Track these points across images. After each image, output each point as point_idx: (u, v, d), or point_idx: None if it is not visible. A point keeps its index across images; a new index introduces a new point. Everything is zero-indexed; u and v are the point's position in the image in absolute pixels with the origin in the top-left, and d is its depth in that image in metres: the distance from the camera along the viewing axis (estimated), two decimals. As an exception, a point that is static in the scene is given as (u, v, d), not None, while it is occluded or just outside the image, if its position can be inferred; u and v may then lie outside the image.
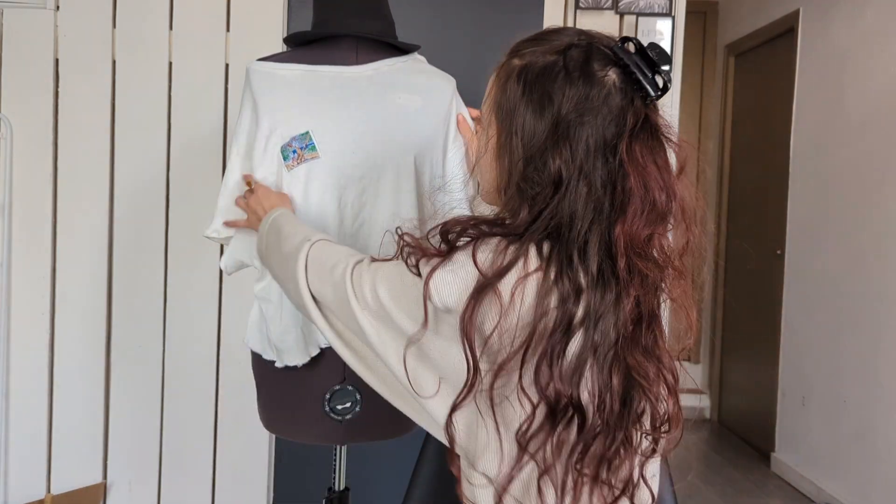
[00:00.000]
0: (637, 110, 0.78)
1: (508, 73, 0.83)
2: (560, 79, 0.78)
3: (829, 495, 2.99)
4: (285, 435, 1.45)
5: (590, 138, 0.77)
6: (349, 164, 1.29)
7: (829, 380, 3.05)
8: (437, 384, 0.81)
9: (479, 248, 0.77)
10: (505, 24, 2.24)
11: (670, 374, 0.80)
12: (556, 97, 0.78)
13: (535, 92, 0.79)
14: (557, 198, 0.77)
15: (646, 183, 0.77)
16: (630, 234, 0.76)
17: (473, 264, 0.76)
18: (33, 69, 2.16)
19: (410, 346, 0.81)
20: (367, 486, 2.04)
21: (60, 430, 2.24)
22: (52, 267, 2.21)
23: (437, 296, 0.77)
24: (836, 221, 3.04)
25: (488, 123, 0.86)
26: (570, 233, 0.76)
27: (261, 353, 1.38)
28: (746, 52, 3.97)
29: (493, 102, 0.84)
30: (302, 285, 0.94)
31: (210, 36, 2.20)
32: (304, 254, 0.95)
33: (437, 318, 0.79)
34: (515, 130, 0.80)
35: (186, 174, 2.22)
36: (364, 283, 0.85)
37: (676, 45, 2.28)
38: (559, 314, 0.74)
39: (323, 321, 0.94)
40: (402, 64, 1.34)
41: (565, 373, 0.74)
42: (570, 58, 0.79)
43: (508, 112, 0.81)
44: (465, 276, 0.76)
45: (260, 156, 1.28)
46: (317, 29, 1.35)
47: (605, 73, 0.79)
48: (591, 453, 0.76)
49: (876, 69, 2.83)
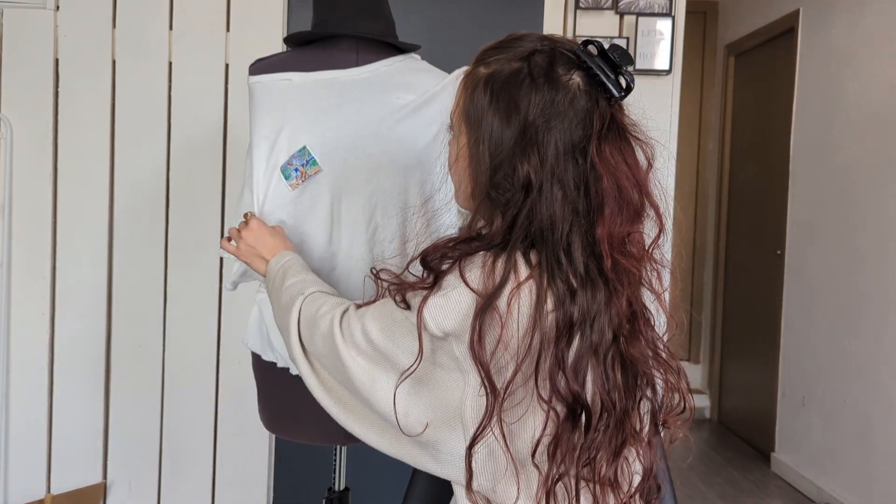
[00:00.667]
0: (603, 112, 0.80)
1: (475, 82, 0.84)
2: (525, 85, 0.79)
3: (829, 495, 2.99)
4: (285, 435, 1.45)
5: (558, 142, 0.78)
6: (354, 170, 1.29)
7: (829, 380, 3.05)
8: (432, 420, 0.80)
9: (466, 267, 0.78)
10: (505, 24, 2.24)
11: (672, 359, 0.83)
12: (523, 104, 0.79)
13: (501, 100, 0.80)
14: (530, 202, 0.78)
15: (618, 182, 0.79)
16: (611, 233, 0.78)
17: (465, 285, 0.77)
18: (33, 69, 2.16)
19: (403, 380, 0.80)
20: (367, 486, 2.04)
21: (60, 430, 2.24)
22: (52, 267, 2.21)
23: (434, 322, 0.77)
24: (836, 221, 3.04)
25: (459, 131, 0.87)
26: (552, 235, 0.77)
27: (260, 353, 1.38)
28: (746, 52, 3.97)
29: (462, 111, 0.85)
30: (294, 340, 0.95)
31: (210, 36, 2.20)
32: (296, 308, 0.96)
33: (435, 347, 0.79)
34: (483, 138, 0.81)
35: (186, 174, 2.22)
36: (354, 328, 0.85)
37: (676, 45, 2.28)
38: (559, 315, 0.75)
39: (309, 372, 0.94)
40: (398, 64, 1.34)
41: (571, 373, 0.75)
42: (535, 64, 0.80)
43: (476, 120, 0.82)
44: (459, 299, 0.77)
45: (261, 176, 1.28)
46: (317, 29, 1.35)
47: (569, 76, 0.80)
48: (601, 450, 0.77)
49: (876, 69, 2.83)
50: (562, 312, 0.75)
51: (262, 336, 1.37)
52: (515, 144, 0.79)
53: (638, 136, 0.83)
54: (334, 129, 1.28)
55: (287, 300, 1.00)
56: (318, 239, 1.30)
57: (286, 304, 1.00)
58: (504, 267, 0.76)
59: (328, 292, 1.00)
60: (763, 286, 3.57)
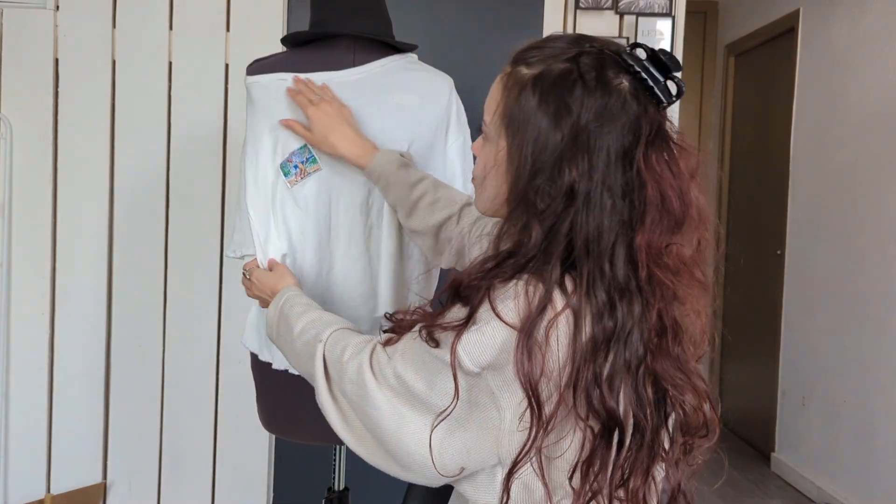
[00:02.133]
0: (651, 118, 0.77)
1: (521, 82, 0.79)
2: (577, 88, 0.76)
3: (829, 495, 2.99)
4: (285, 435, 1.45)
5: (610, 148, 0.75)
6: (351, 169, 1.29)
7: (829, 380, 3.05)
8: (467, 462, 0.78)
9: (497, 298, 0.74)
10: (505, 24, 2.24)
11: (700, 380, 0.80)
12: (574, 106, 0.76)
13: (551, 101, 0.76)
14: (573, 211, 0.75)
15: (662, 191, 0.76)
16: (649, 243, 0.75)
17: (499, 319, 0.73)
18: (33, 69, 2.16)
19: (440, 423, 0.76)
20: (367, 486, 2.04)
21: (60, 430, 2.24)
22: (52, 267, 2.21)
23: (469, 359, 0.73)
24: (836, 221, 3.04)
25: (497, 135, 0.82)
26: (598, 246, 0.74)
27: (258, 353, 1.38)
28: (746, 52, 3.97)
29: (503, 112, 0.81)
30: (322, 387, 0.90)
31: (210, 36, 2.20)
32: (319, 357, 0.92)
33: (471, 385, 0.75)
34: (528, 141, 0.77)
35: (186, 174, 2.22)
36: (385, 370, 0.81)
37: (676, 45, 2.28)
38: (597, 330, 0.73)
39: (338, 418, 0.89)
40: (393, 64, 1.34)
41: (607, 389, 0.73)
42: (584, 65, 0.77)
43: (521, 122, 0.78)
44: (494, 333, 0.73)
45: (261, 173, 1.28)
46: (314, 29, 1.35)
47: (619, 80, 0.77)
48: (634, 469, 0.75)
49: (876, 69, 2.83)
50: (600, 327, 0.73)
51: (260, 336, 1.37)
52: (564, 149, 0.76)
53: (682, 144, 0.81)
54: None
55: (304, 348, 0.97)
56: (315, 237, 1.30)
57: (303, 351, 0.97)
58: (540, 294, 0.73)
59: (343, 327, 0.96)
60: (763, 286, 3.57)
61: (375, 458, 0.84)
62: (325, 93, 1.26)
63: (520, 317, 0.72)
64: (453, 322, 0.76)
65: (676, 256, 0.79)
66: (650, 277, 0.75)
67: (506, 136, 0.81)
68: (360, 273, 1.32)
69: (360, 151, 1.23)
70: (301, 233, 1.29)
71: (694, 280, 0.81)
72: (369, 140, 1.25)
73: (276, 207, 1.28)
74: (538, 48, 0.81)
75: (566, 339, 0.73)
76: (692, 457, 0.82)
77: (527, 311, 0.72)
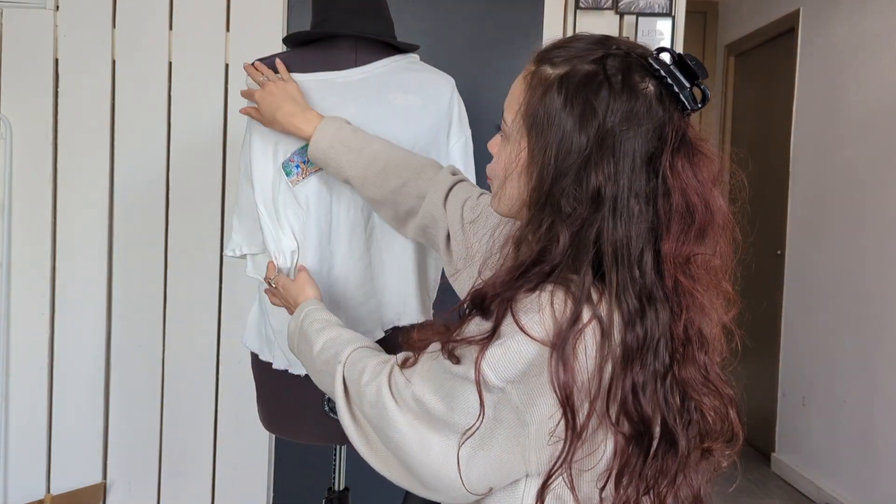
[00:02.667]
0: (676, 124, 0.76)
1: (544, 82, 0.77)
2: (604, 90, 0.75)
3: (829, 495, 2.99)
4: (285, 435, 1.45)
5: (636, 153, 0.74)
6: None
7: (829, 380, 3.05)
8: (494, 481, 0.77)
9: (520, 311, 0.72)
10: (505, 23, 2.24)
11: (727, 386, 0.81)
12: (601, 109, 0.74)
13: (576, 103, 0.75)
14: (601, 216, 0.74)
15: (688, 199, 0.75)
16: (676, 252, 0.74)
17: (523, 333, 0.71)
18: (33, 69, 2.16)
19: (465, 441, 0.75)
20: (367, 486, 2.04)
21: (60, 430, 2.24)
22: (52, 267, 2.21)
23: (494, 374, 0.72)
24: (836, 221, 3.04)
25: (519, 134, 0.80)
26: (627, 253, 0.73)
27: (259, 353, 1.38)
28: (746, 52, 3.97)
29: (526, 112, 0.79)
30: (342, 405, 0.89)
31: (210, 36, 2.20)
32: (339, 378, 0.90)
33: (496, 401, 0.73)
34: (551, 143, 0.76)
35: (186, 174, 2.22)
36: (404, 393, 0.79)
37: (676, 45, 2.27)
38: (629, 338, 0.72)
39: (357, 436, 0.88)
40: (395, 64, 1.34)
41: (642, 397, 0.72)
42: (610, 67, 0.76)
43: (545, 123, 0.76)
44: (520, 348, 0.72)
45: (262, 172, 1.28)
46: (316, 29, 1.35)
47: (645, 84, 0.76)
48: (663, 475, 0.75)
49: (876, 69, 2.83)
50: (632, 335, 0.72)
51: (260, 336, 1.37)
52: (590, 152, 0.74)
53: (706, 151, 0.80)
54: None
55: (324, 367, 0.97)
56: (316, 236, 1.30)
57: (323, 370, 0.97)
58: (571, 306, 0.72)
59: (361, 346, 0.94)
60: (763, 286, 3.57)
61: (401, 479, 0.83)
62: (280, 74, 1.27)
63: (546, 330, 0.71)
64: (476, 336, 0.74)
65: (702, 266, 0.78)
66: (676, 286, 0.75)
67: (528, 136, 0.79)
68: (361, 273, 1.32)
69: (303, 125, 1.21)
70: (302, 232, 1.29)
71: (720, 290, 0.81)
72: (314, 111, 1.23)
73: (277, 207, 1.28)
74: (563, 48, 0.79)
75: (594, 348, 0.72)
76: (714, 461, 0.82)
77: (556, 323, 0.71)
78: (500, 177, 0.84)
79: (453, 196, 1.13)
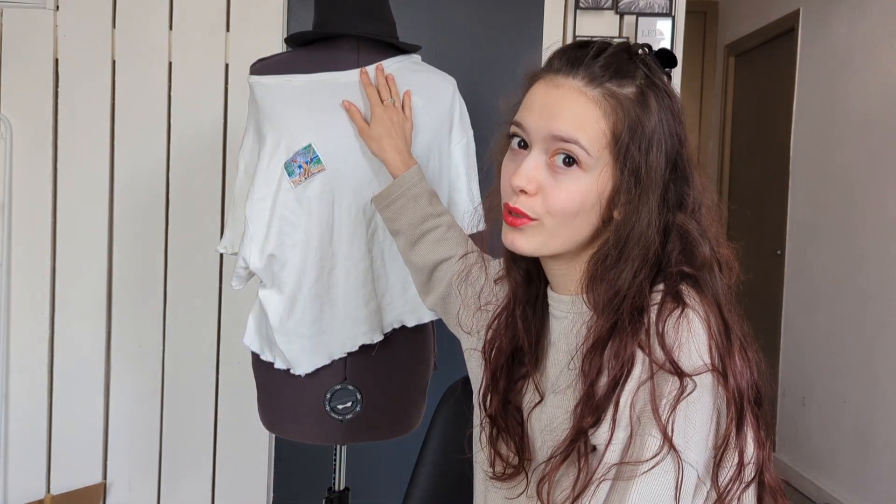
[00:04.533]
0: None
1: (630, 100, 0.74)
2: (673, 98, 0.76)
3: (829, 495, 2.99)
4: (286, 435, 1.45)
5: (689, 153, 0.78)
6: (355, 171, 1.29)
7: (829, 380, 3.05)
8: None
9: (682, 358, 0.69)
10: (505, 24, 2.24)
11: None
12: (677, 114, 0.76)
13: (663, 115, 0.75)
14: (685, 218, 0.75)
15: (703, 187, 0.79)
16: (712, 233, 0.78)
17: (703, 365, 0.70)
18: (33, 69, 2.16)
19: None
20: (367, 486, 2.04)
21: (60, 430, 2.24)
22: (52, 267, 2.21)
23: (696, 454, 0.68)
24: (837, 221, 3.04)
25: (602, 163, 0.74)
26: (705, 251, 0.77)
27: (259, 353, 1.38)
28: (746, 52, 3.97)
29: (614, 138, 0.74)
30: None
31: (210, 36, 2.20)
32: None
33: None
34: (653, 161, 0.74)
35: (186, 174, 2.22)
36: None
37: (676, 45, 2.27)
38: (730, 321, 0.76)
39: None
40: (397, 65, 1.34)
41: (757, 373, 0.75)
42: (649, 73, 0.77)
43: (648, 141, 0.74)
44: (701, 399, 0.69)
45: (263, 172, 1.28)
46: (318, 29, 1.35)
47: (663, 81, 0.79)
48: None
49: (876, 69, 2.83)
50: (722, 321, 0.75)
51: (261, 336, 1.37)
52: (677, 160, 0.76)
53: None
54: (337, 129, 1.28)
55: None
56: (318, 237, 1.30)
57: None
58: (714, 317, 0.72)
59: None
60: (763, 286, 3.57)
61: None
62: (402, 100, 1.29)
63: (703, 358, 0.70)
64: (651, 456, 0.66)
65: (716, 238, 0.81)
66: (719, 266, 0.78)
67: (620, 162, 0.74)
68: (362, 274, 1.32)
69: (402, 164, 1.21)
70: (304, 232, 1.29)
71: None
72: (415, 159, 1.24)
73: (276, 207, 1.28)
74: (598, 58, 0.76)
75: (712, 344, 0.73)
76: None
77: (709, 344, 0.71)
78: (569, 211, 0.76)
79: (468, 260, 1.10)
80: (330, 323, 1.32)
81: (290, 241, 1.28)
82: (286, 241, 1.29)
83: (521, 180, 0.75)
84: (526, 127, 0.77)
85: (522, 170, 0.76)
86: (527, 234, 0.77)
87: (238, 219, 1.35)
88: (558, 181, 0.75)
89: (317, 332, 1.31)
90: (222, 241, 1.40)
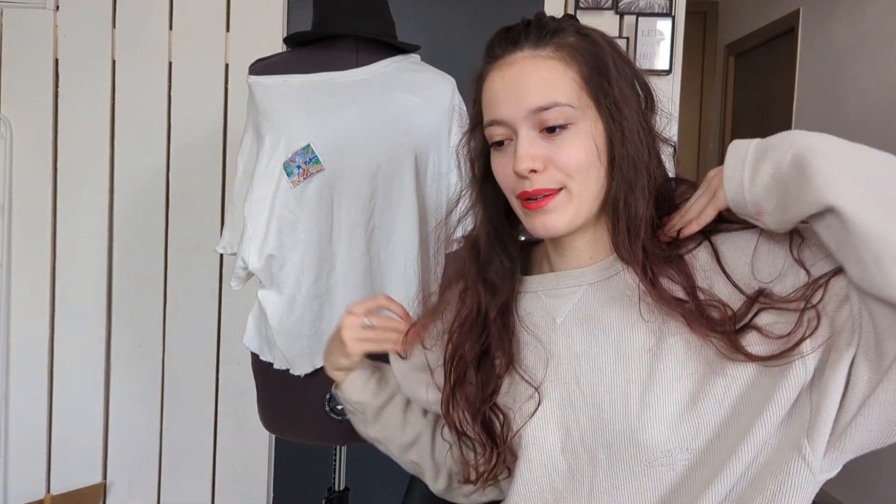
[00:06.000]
0: None
1: (579, 47, 0.78)
2: (603, 33, 0.83)
3: (829, 495, 2.99)
4: (285, 435, 1.45)
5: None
6: (354, 171, 1.29)
7: (829, 380, 3.05)
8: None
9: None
10: (505, 24, 2.24)
11: None
12: (617, 46, 0.82)
13: (616, 54, 0.80)
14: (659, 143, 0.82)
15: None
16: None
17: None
18: (33, 69, 2.16)
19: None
20: (367, 486, 2.04)
21: (60, 430, 2.24)
22: (52, 267, 2.21)
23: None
24: (836, 221, 3.03)
25: (587, 109, 0.76)
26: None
27: (259, 353, 1.38)
28: (746, 52, 3.97)
29: (587, 79, 0.76)
30: None
31: (210, 36, 2.20)
32: None
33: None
34: (625, 90, 0.78)
35: (186, 174, 2.22)
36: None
37: (676, 45, 2.27)
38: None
39: None
40: (396, 65, 1.34)
41: None
42: (574, 23, 0.83)
43: (611, 77, 0.77)
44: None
45: (262, 172, 1.28)
46: (317, 28, 1.35)
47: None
48: None
49: (876, 69, 2.83)
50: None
51: (261, 336, 1.37)
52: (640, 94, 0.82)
53: None
54: (335, 129, 1.28)
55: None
56: (317, 237, 1.30)
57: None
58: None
59: None
60: (763, 286, 3.56)
61: None
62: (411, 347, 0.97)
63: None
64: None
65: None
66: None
67: (599, 98, 0.76)
68: (362, 274, 1.32)
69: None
70: (303, 232, 1.29)
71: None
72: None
73: (275, 207, 1.28)
74: (535, 30, 0.81)
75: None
76: None
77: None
78: (583, 165, 0.75)
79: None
80: (329, 323, 1.32)
81: (289, 241, 1.28)
82: (285, 242, 1.29)
83: (526, 162, 0.74)
84: (502, 119, 0.77)
85: (520, 153, 0.75)
86: (558, 209, 0.76)
87: (237, 219, 1.35)
88: (558, 146, 0.75)
89: (316, 333, 1.31)
90: (221, 241, 1.40)
